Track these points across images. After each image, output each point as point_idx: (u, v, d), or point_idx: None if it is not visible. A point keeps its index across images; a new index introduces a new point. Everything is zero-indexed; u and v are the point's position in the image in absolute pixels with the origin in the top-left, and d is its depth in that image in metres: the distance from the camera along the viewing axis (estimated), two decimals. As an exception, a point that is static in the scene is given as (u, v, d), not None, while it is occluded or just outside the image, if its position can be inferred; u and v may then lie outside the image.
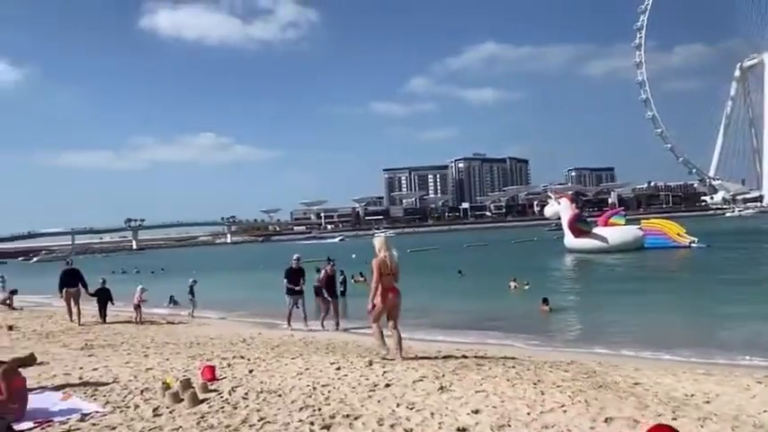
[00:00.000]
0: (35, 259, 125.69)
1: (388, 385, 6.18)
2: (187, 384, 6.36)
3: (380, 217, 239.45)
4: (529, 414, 5.17)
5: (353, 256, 39.25)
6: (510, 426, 4.88)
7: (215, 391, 6.30)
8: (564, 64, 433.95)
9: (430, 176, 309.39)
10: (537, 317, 14.98)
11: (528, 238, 71.86)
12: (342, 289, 19.85)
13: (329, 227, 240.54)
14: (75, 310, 15.26)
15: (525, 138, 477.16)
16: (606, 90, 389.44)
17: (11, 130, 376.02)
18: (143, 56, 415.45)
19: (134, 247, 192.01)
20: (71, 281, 15.56)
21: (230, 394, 6.16)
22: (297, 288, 13.87)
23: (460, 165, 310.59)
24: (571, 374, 6.92)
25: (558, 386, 6.19)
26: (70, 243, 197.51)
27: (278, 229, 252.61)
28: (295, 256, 14.20)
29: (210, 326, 14.49)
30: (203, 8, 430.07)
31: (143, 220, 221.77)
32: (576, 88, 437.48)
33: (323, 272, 15.04)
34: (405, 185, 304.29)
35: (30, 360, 8.43)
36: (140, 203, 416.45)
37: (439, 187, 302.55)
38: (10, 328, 13.49)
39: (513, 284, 20.98)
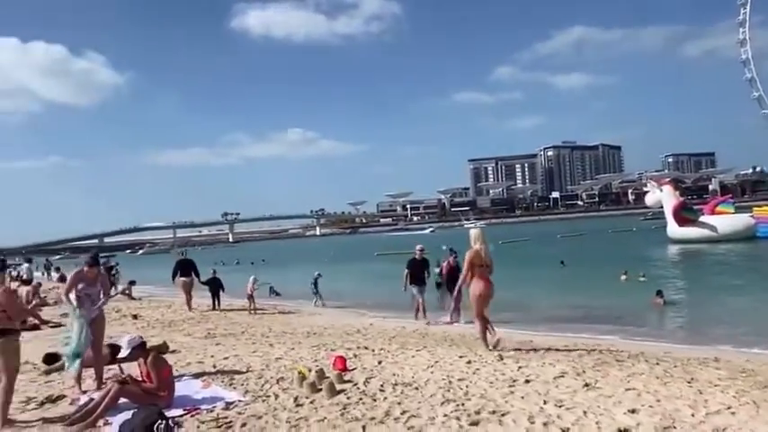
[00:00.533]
0: (141, 252, 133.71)
1: (527, 381, 5.95)
2: (322, 374, 6.39)
3: (467, 208, 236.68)
4: (693, 416, 4.78)
5: (444, 247, 38.89)
6: (675, 428, 4.55)
7: (349, 381, 6.29)
8: (658, 46, 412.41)
9: (517, 166, 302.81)
10: (650, 310, 14.16)
11: (625, 227, 68.66)
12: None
13: (415, 218, 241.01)
14: (186, 298, 16.18)
15: (617, 124, 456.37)
16: (704, 71, 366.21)
17: (117, 132, 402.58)
18: (235, 56, 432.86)
19: (230, 239, 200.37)
20: (185, 270, 16.44)
21: (365, 385, 6.13)
22: (421, 279, 13.30)
23: (549, 153, 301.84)
24: (726, 372, 6.39)
25: (716, 385, 5.73)
26: (172, 236, 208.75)
27: (364, 221, 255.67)
28: (418, 247, 13.63)
29: (321, 315, 14.69)
30: (290, 6, 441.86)
31: (238, 214, 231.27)
32: (671, 71, 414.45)
33: (445, 263, 14.61)
34: (491, 176, 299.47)
35: (164, 348, 8.81)
36: (235, 198, 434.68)
37: (527, 177, 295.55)
38: (134, 317, 14.26)
39: (624, 276, 20.00)
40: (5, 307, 5.35)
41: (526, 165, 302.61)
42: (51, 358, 7.91)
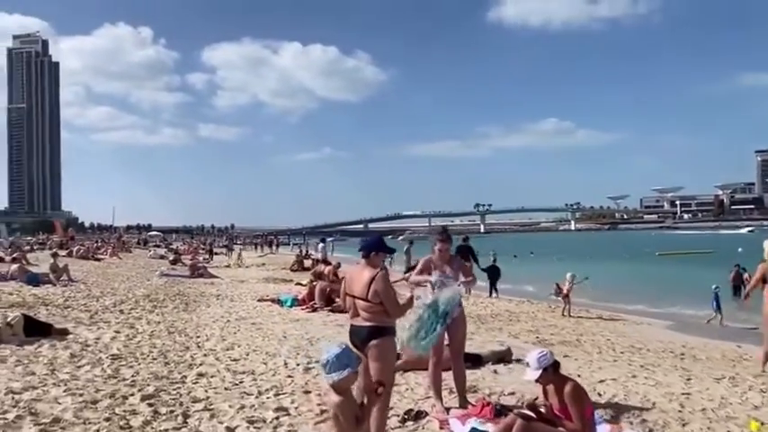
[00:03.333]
0: (401, 238, 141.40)
1: None
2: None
3: (751, 206, 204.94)
4: None
5: (739, 249, 32.25)
6: None
7: None
8: None
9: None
10: None
11: None
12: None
13: (685, 216, 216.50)
14: None
15: None
16: None
17: (379, 125, 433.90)
18: (490, 48, 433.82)
19: (481, 230, 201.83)
20: (464, 256, 15.63)
21: None
22: None
23: None
24: None
25: None
26: (427, 224, 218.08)
27: (625, 216, 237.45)
28: None
29: (650, 326, 12.02)
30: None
31: (490, 205, 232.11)
32: None
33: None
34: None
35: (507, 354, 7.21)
36: (487, 189, 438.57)
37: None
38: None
39: None
40: (382, 297, 4.04)
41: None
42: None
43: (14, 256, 18.10)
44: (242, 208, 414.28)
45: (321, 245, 24.32)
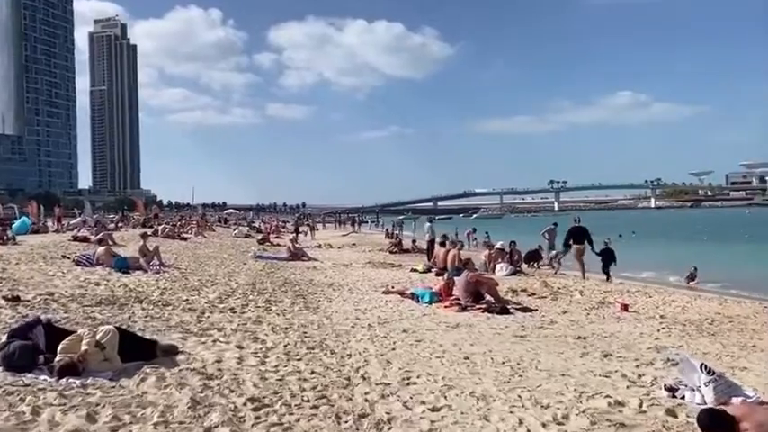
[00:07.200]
0: (474, 216, 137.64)
1: None
2: None
3: None
4: None
5: None
6: None
7: None
8: None
9: None
10: None
11: None
12: None
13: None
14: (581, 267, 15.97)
15: None
16: None
17: (447, 102, 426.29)
18: (562, 20, 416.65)
19: (555, 208, 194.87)
20: (579, 238, 16.16)
21: None
22: None
23: None
24: None
25: None
26: (498, 202, 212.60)
27: (709, 193, 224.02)
28: None
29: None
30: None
31: (565, 182, 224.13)
32: None
33: None
34: None
35: None
36: (560, 165, 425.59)
37: None
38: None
39: None
40: None
41: None
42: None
43: (100, 236, 16.40)
44: (311, 186, 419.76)
45: (428, 224, 21.50)
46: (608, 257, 16.60)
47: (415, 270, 15.42)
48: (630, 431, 4.05)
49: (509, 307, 9.42)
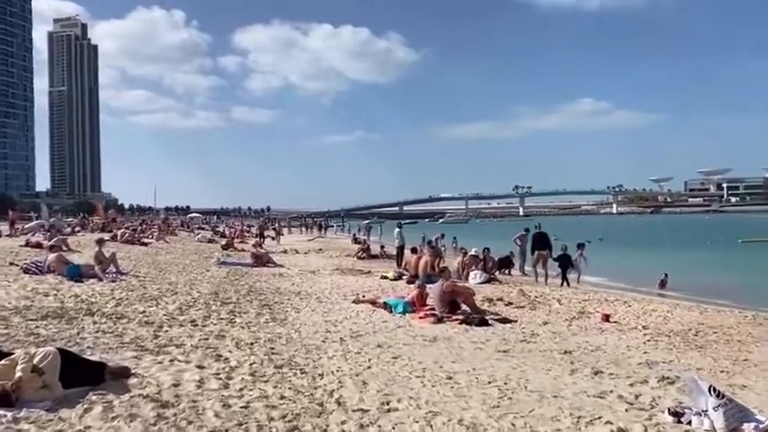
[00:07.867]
0: (441, 221, 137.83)
1: None
2: None
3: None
4: None
5: None
6: None
7: None
8: None
9: None
10: None
11: None
12: None
13: (732, 199, 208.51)
14: (542, 272, 16.45)
15: None
16: None
17: (412, 106, 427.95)
18: (523, 27, 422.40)
19: (521, 213, 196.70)
20: (541, 244, 16.57)
21: None
22: None
23: None
24: None
25: None
26: (463, 207, 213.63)
27: (668, 200, 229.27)
28: None
29: None
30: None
31: (530, 188, 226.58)
32: None
33: None
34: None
35: None
36: (525, 171, 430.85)
37: None
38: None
39: None
40: None
41: None
42: None
43: (53, 242, 15.48)
44: (276, 190, 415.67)
45: (397, 230, 20.85)
46: (565, 263, 16.65)
47: (386, 277, 14.93)
48: (640, 465, 3.64)
49: (487, 318, 9.01)
